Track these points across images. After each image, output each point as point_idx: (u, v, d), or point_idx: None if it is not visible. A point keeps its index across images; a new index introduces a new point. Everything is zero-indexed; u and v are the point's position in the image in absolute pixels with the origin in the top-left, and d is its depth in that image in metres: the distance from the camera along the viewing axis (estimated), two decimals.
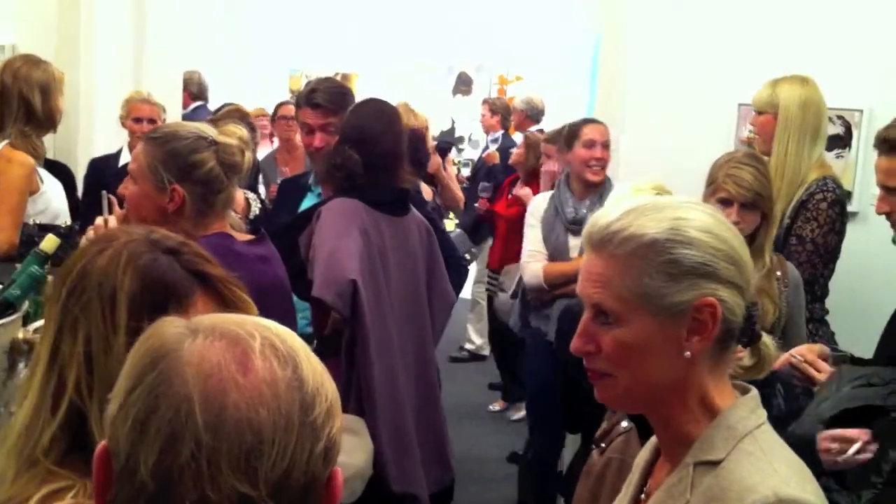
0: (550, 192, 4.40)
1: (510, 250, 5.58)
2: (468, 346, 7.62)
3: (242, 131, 2.49)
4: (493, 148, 7.63)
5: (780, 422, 2.75)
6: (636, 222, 1.39)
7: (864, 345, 2.79)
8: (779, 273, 3.01)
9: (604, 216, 1.43)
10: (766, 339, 1.51)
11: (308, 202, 3.53)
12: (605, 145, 4.16)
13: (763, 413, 1.43)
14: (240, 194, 2.74)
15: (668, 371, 1.38)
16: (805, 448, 2.13)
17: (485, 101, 8.39)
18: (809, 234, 3.35)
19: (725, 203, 2.91)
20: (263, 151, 6.38)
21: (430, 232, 3.34)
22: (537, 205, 4.37)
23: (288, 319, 2.62)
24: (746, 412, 1.40)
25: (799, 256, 3.33)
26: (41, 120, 3.74)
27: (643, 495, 1.51)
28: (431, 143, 5.58)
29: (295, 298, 2.85)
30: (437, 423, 3.36)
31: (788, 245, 3.38)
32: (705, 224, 1.40)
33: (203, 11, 7.01)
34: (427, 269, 3.31)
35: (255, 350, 0.90)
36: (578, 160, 4.19)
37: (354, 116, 3.25)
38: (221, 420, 0.86)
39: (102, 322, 1.31)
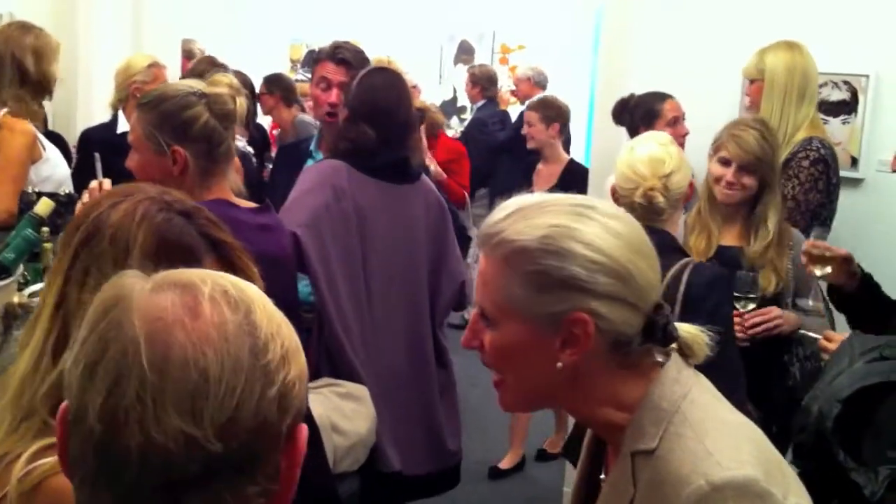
0: None
1: None
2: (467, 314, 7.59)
3: (230, 78, 2.45)
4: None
5: (795, 392, 2.74)
6: (514, 226, 1.32)
7: None
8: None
9: (495, 213, 1.37)
10: (688, 330, 1.40)
11: None
12: (683, 118, 3.90)
13: (688, 374, 1.36)
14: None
15: (546, 378, 1.33)
16: (819, 436, 2.07)
17: (469, 69, 8.11)
18: (790, 191, 3.32)
19: (724, 163, 2.91)
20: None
21: (442, 208, 3.27)
22: None
23: (289, 291, 2.58)
24: (670, 384, 1.33)
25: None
26: (35, 83, 3.74)
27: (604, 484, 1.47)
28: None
29: None
30: (429, 401, 3.24)
31: None
32: (588, 234, 1.30)
33: None
34: (435, 244, 3.24)
35: (204, 294, 0.90)
36: None
37: (363, 90, 3.07)
38: (167, 360, 0.86)
39: (113, 274, 1.29)
